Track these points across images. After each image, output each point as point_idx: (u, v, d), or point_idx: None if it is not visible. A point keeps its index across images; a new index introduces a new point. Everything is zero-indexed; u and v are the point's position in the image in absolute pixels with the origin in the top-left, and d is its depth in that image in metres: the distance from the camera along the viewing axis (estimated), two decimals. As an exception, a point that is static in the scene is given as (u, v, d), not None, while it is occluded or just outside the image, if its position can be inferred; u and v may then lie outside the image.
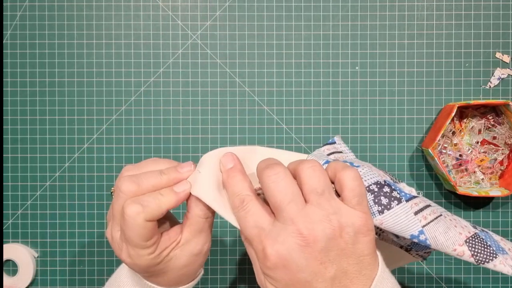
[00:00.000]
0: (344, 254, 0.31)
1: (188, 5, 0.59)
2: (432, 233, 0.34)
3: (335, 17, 0.59)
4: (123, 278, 0.39)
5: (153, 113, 0.59)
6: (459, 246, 0.34)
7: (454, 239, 0.34)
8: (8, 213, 0.59)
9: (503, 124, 0.57)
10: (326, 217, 0.30)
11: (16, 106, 0.59)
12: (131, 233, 0.33)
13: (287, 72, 0.59)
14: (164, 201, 0.33)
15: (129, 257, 0.34)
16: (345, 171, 0.32)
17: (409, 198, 0.35)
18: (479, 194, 0.54)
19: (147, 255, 0.34)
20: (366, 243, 0.31)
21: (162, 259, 0.35)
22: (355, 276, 0.31)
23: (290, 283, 0.30)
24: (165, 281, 0.37)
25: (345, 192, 0.32)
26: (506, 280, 0.59)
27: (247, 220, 0.32)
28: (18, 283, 0.58)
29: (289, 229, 0.30)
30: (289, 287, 0.31)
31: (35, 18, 0.59)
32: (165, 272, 0.36)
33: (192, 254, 0.36)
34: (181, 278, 0.37)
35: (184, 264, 0.36)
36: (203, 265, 0.40)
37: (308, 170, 0.32)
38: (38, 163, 0.59)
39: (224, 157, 0.35)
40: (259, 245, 0.31)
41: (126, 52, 0.59)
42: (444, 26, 0.59)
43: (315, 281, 0.30)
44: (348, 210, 0.31)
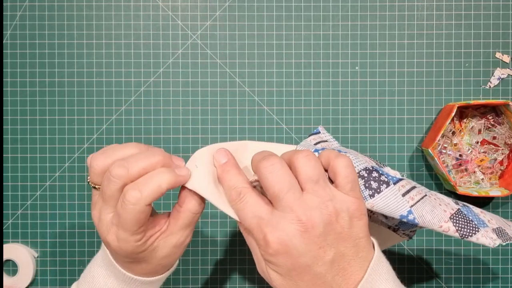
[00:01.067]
0: (341, 238, 0.32)
1: (188, 5, 0.59)
2: (419, 212, 0.36)
3: (335, 17, 0.59)
4: (98, 268, 0.40)
5: (153, 113, 0.59)
6: (445, 223, 0.37)
7: (439, 217, 0.37)
8: (8, 213, 0.59)
9: (503, 124, 0.57)
10: (323, 203, 0.32)
11: (16, 106, 0.59)
12: (128, 218, 0.33)
13: (287, 72, 0.59)
14: (165, 179, 0.33)
15: (116, 240, 0.35)
16: (338, 159, 0.34)
17: (396, 181, 0.37)
18: (479, 194, 0.54)
19: (134, 241, 0.35)
20: (360, 226, 0.33)
21: (147, 248, 0.36)
22: (352, 258, 0.33)
23: (291, 268, 0.32)
24: (142, 269, 0.38)
25: (339, 179, 0.33)
26: (506, 280, 0.59)
27: (245, 211, 0.33)
28: (18, 283, 0.58)
29: (289, 217, 0.32)
30: (291, 271, 0.32)
31: (35, 18, 0.59)
32: (146, 260, 0.37)
33: (174, 246, 0.37)
34: (158, 268, 0.38)
35: (165, 255, 0.37)
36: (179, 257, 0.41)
37: (303, 159, 0.33)
38: (38, 163, 0.59)
39: (217, 152, 0.36)
40: (259, 234, 0.32)
41: (126, 52, 0.59)
42: (444, 26, 0.59)
43: (315, 264, 0.32)
44: (342, 196, 0.33)
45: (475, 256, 0.59)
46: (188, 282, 0.59)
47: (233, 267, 0.59)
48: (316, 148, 0.39)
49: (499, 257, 0.59)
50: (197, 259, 0.59)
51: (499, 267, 0.59)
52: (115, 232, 0.35)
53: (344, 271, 0.33)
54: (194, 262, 0.59)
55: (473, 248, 0.59)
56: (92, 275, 0.40)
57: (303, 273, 0.32)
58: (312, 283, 0.32)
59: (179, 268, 0.59)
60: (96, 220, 0.36)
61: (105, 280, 0.39)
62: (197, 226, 0.59)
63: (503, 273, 0.59)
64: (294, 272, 0.32)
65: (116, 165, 0.34)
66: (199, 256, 0.59)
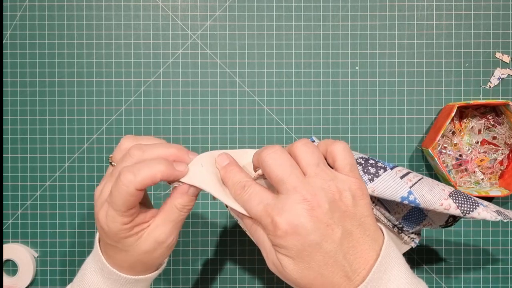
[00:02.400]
0: (347, 216, 0.33)
1: (188, 5, 0.59)
2: (419, 191, 0.37)
3: (335, 17, 0.59)
4: (88, 265, 0.41)
5: (153, 113, 0.59)
6: (445, 200, 0.37)
7: (439, 195, 0.37)
8: (8, 213, 0.59)
9: (503, 124, 0.57)
10: (325, 183, 0.33)
11: (16, 106, 0.59)
12: (118, 198, 0.34)
13: (287, 72, 0.59)
14: (160, 169, 0.35)
15: (105, 217, 0.36)
16: (335, 144, 0.35)
17: (392, 167, 0.38)
18: (479, 194, 0.54)
19: (121, 223, 0.36)
20: (364, 205, 0.34)
21: (131, 234, 0.37)
22: (360, 236, 0.33)
23: (301, 248, 0.32)
24: (122, 260, 0.38)
25: (338, 161, 0.35)
26: (506, 280, 0.59)
27: (251, 201, 0.34)
28: (18, 283, 0.58)
29: (294, 197, 0.33)
30: (302, 252, 0.32)
31: (35, 18, 0.59)
32: (126, 250, 0.38)
33: (156, 241, 0.37)
34: (136, 265, 0.39)
35: (146, 249, 0.37)
36: (164, 260, 0.42)
37: (302, 147, 0.35)
38: (38, 163, 0.59)
39: (219, 157, 0.38)
40: (267, 218, 0.33)
41: (126, 52, 0.59)
42: (444, 26, 0.59)
43: (324, 242, 0.32)
44: (343, 176, 0.34)
45: (475, 256, 0.59)
46: (188, 282, 0.59)
47: (233, 267, 0.59)
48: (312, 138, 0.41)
49: (499, 257, 0.59)
50: (197, 259, 0.59)
51: (499, 267, 0.59)
52: (106, 209, 0.36)
53: (354, 250, 0.33)
54: (194, 262, 0.59)
55: (473, 248, 0.59)
56: (83, 272, 0.41)
57: (314, 253, 0.32)
58: (324, 262, 0.32)
59: (179, 268, 0.59)
60: (97, 194, 0.38)
61: (92, 276, 0.40)
62: (197, 226, 0.59)
63: (503, 273, 0.59)
64: (305, 253, 0.32)
65: (135, 146, 0.37)
66: (199, 256, 0.59)
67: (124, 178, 0.34)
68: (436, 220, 0.42)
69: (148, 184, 0.35)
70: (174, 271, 0.59)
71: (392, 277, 0.33)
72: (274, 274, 0.59)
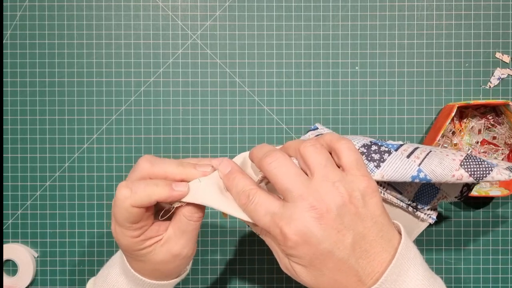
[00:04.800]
0: (358, 218, 0.32)
1: (188, 5, 0.59)
2: (428, 168, 0.36)
3: (335, 17, 0.59)
4: (114, 266, 0.41)
5: (153, 113, 0.59)
6: (456, 171, 0.36)
7: (450, 167, 0.36)
8: (8, 213, 0.59)
9: (503, 124, 0.57)
10: (333, 186, 0.32)
11: (16, 106, 0.59)
12: (117, 213, 0.35)
13: (287, 72, 0.59)
14: (156, 192, 0.34)
15: (114, 232, 0.36)
16: (340, 142, 0.34)
17: (397, 148, 0.37)
18: (479, 194, 0.54)
19: (130, 237, 0.35)
20: (375, 204, 0.33)
21: (144, 247, 0.36)
22: (373, 239, 0.32)
23: (314, 257, 0.32)
24: (141, 268, 0.38)
25: (343, 160, 0.34)
26: (506, 280, 0.59)
27: (258, 211, 0.33)
28: (18, 283, 0.58)
29: (301, 206, 0.32)
30: (314, 261, 0.32)
31: (35, 18, 0.59)
32: (142, 260, 0.37)
33: (170, 253, 0.37)
34: (156, 272, 0.38)
35: (160, 260, 0.37)
36: (186, 268, 0.42)
37: (310, 148, 0.34)
38: (38, 163, 0.59)
39: (221, 165, 0.37)
40: (276, 229, 0.32)
41: (126, 52, 0.59)
42: (444, 26, 0.59)
43: (336, 249, 0.32)
44: (350, 176, 0.33)
45: (475, 256, 0.59)
46: (188, 282, 0.59)
47: (233, 267, 0.59)
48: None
49: (499, 257, 0.59)
50: (197, 259, 0.59)
51: (499, 267, 0.59)
52: (114, 223, 0.36)
53: (366, 253, 0.32)
54: (194, 262, 0.59)
55: (473, 248, 0.59)
56: (107, 271, 0.41)
57: (326, 260, 0.32)
58: (337, 269, 0.32)
59: (179, 268, 0.59)
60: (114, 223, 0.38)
61: (117, 277, 0.40)
62: (197, 226, 0.59)
63: (503, 273, 0.59)
64: (317, 261, 0.32)
65: (146, 157, 0.36)
66: (199, 256, 0.59)
67: (119, 193, 0.34)
68: (450, 192, 0.41)
69: (144, 204, 0.34)
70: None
71: (407, 278, 0.32)
72: (275, 274, 0.59)
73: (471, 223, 0.59)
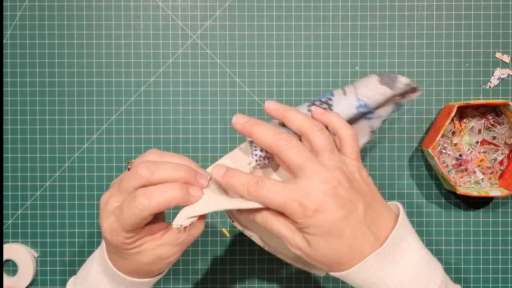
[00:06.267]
0: (363, 192, 0.37)
1: (188, 5, 0.59)
2: (362, 95, 0.43)
3: (335, 17, 0.59)
4: (93, 263, 0.42)
5: (153, 113, 0.59)
6: (379, 88, 0.43)
7: (374, 87, 0.43)
8: (8, 213, 0.59)
9: (503, 124, 0.57)
10: (339, 166, 0.37)
11: (16, 106, 0.59)
12: (129, 218, 0.35)
13: (287, 72, 0.59)
14: (175, 198, 0.35)
15: (109, 230, 0.36)
16: (347, 133, 0.39)
17: (331, 94, 0.44)
18: (479, 194, 0.54)
19: (124, 237, 0.36)
20: (371, 184, 0.39)
21: (133, 247, 0.37)
22: (379, 208, 0.38)
23: (332, 224, 0.35)
24: (123, 266, 0.39)
25: (346, 148, 0.39)
26: (506, 280, 0.59)
27: (271, 192, 0.36)
28: (18, 283, 0.58)
29: (316, 179, 0.36)
30: (333, 228, 0.35)
31: (35, 18, 0.59)
32: (127, 258, 0.38)
33: (158, 257, 0.38)
34: (139, 272, 0.39)
35: (146, 261, 0.38)
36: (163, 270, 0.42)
37: (319, 133, 0.38)
38: (38, 163, 0.59)
39: (213, 170, 0.38)
40: (293, 203, 0.35)
41: (126, 52, 0.59)
42: (444, 26, 0.59)
43: (351, 216, 0.36)
44: (351, 161, 0.39)
45: (475, 256, 0.59)
46: (188, 282, 0.59)
47: (233, 267, 0.59)
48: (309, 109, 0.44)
49: (499, 257, 0.59)
50: (197, 259, 0.59)
51: (499, 267, 0.59)
52: (112, 222, 0.36)
53: (375, 221, 0.37)
54: (194, 262, 0.59)
55: (473, 248, 0.59)
56: (87, 269, 0.42)
57: (343, 227, 0.35)
58: (353, 235, 0.36)
59: (179, 268, 0.59)
60: (103, 202, 0.38)
61: (97, 275, 0.41)
62: (197, 226, 0.59)
63: (503, 273, 0.59)
64: (335, 228, 0.35)
65: (144, 165, 0.36)
66: (199, 256, 0.59)
67: (139, 203, 0.34)
68: (382, 114, 0.46)
69: (162, 209, 0.35)
70: (174, 271, 0.59)
71: (408, 244, 0.37)
72: (275, 274, 0.59)
73: (471, 223, 0.59)
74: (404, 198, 0.59)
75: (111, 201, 0.37)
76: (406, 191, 0.59)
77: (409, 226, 0.39)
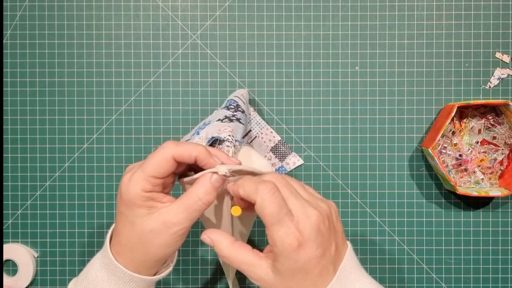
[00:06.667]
0: (335, 232, 0.37)
1: (188, 5, 0.59)
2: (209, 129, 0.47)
3: (335, 17, 0.59)
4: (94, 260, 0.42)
5: (153, 113, 0.59)
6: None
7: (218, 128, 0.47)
8: (8, 213, 0.59)
9: (503, 124, 0.57)
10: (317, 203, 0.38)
11: (16, 106, 0.59)
12: (153, 160, 0.37)
13: (287, 72, 0.59)
14: (198, 149, 0.38)
15: (128, 179, 0.38)
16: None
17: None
18: (479, 194, 0.54)
19: (140, 188, 0.37)
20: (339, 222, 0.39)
21: (144, 206, 0.38)
22: (341, 249, 0.38)
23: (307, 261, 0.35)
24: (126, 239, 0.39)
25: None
26: (506, 280, 0.59)
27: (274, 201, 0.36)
28: (18, 283, 0.58)
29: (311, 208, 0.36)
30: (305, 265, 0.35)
31: (35, 18, 0.59)
32: (133, 222, 0.38)
33: (164, 222, 0.38)
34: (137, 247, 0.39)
35: (151, 228, 0.38)
36: (170, 264, 0.42)
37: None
38: (38, 163, 0.59)
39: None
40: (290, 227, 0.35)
41: (126, 52, 0.59)
42: (444, 26, 0.59)
43: (324, 255, 0.35)
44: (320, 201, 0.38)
45: (475, 256, 0.59)
46: (188, 282, 0.59)
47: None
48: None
49: (499, 257, 0.59)
50: (197, 259, 0.59)
51: (499, 267, 0.59)
52: (133, 173, 0.38)
53: (335, 261, 0.37)
54: (194, 262, 0.59)
55: (473, 248, 0.59)
56: (88, 267, 0.41)
57: (315, 266, 0.35)
58: (320, 274, 0.35)
59: (179, 268, 0.59)
60: (129, 169, 0.40)
61: (97, 272, 0.40)
62: (197, 226, 0.59)
63: (503, 273, 0.59)
64: (308, 265, 0.35)
65: (170, 141, 0.40)
66: (199, 256, 0.59)
67: (166, 145, 0.37)
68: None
69: (184, 157, 0.37)
70: (174, 271, 0.59)
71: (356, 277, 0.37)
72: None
73: (471, 223, 0.59)
74: (404, 198, 0.59)
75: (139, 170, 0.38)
76: (406, 191, 0.59)
77: (355, 256, 0.39)
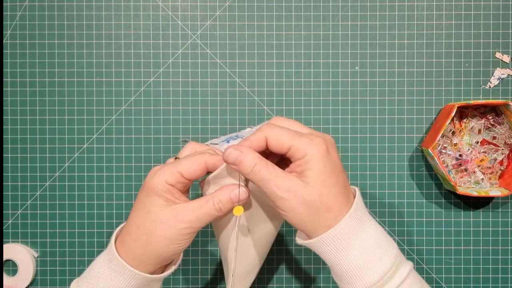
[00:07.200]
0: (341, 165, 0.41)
1: (188, 5, 0.59)
2: None
3: (335, 17, 0.59)
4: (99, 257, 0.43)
5: (153, 113, 0.59)
6: None
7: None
8: (8, 213, 0.59)
9: (503, 124, 0.57)
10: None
11: (16, 106, 0.59)
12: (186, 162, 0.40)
13: (287, 72, 0.59)
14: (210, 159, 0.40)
15: (155, 171, 0.40)
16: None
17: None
18: (479, 194, 0.54)
19: (165, 180, 0.39)
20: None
21: (163, 197, 0.40)
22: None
23: (334, 167, 0.38)
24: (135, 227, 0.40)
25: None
26: (506, 280, 0.59)
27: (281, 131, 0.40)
28: (18, 283, 0.58)
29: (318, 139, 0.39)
30: (334, 170, 0.38)
31: (35, 18, 0.59)
32: (148, 211, 0.39)
33: (174, 216, 0.39)
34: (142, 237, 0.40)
35: (161, 219, 0.39)
36: (172, 267, 0.43)
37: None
38: (38, 163, 0.59)
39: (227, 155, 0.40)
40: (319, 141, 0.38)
41: (126, 52, 0.59)
42: (444, 26, 0.59)
43: (342, 171, 0.39)
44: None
45: (475, 256, 0.59)
46: (188, 282, 0.59)
47: (233, 267, 0.59)
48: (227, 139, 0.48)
49: (499, 257, 0.59)
50: (197, 259, 0.59)
51: (499, 267, 0.59)
52: (162, 167, 0.40)
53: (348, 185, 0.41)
54: (194, 262, 0.59)
55: (473, 248, 0.59)
56: (92, 265, 0.42)
57: (340, 175, 0.38)
58: (344, 185, 0.39)
59: (179, 268, 0.59)
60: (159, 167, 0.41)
61: (99, 268, 0.41)
62: (197, 226, 0.59)
63: (503, 273, 0.59)
64: (337, 170, 0.38)
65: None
66: (199, 256, 0.59)
67: (204, 155, 0.40)
68: None
69: (216, 167, 0.40)
70: (174, 271, 0.59)
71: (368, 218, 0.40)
72: (274, 274, 0.59)
73: (471, 223, 0.59)
74: (404, 198, 0.59)
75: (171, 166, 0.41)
76: (406, 191, 0.59)
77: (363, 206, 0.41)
